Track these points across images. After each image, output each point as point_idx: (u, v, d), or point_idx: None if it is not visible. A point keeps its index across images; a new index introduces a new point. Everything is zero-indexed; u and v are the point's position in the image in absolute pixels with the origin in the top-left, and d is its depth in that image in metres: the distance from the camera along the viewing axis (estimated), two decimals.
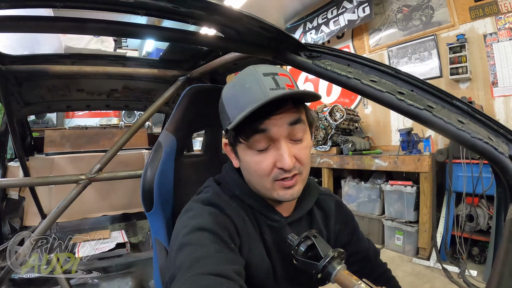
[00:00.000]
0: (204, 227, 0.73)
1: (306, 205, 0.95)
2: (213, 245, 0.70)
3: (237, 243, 0.78)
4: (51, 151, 2.97)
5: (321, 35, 5.47)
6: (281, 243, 0.87)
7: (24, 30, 0.81)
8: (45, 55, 1.78)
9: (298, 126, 0.79)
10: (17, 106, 2.16)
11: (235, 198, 0.87)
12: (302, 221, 0.95)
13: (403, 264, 3.36)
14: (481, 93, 3.72)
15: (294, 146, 0.80)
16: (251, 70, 0.82)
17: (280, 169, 0.78)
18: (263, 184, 0.82)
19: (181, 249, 0.70)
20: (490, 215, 3.11)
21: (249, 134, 0.78)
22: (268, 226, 0.88)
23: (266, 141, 0.78)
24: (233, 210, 0.83)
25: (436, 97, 0.91)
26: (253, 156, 0.80)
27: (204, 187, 0.92)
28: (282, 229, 0.88)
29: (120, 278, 2.21)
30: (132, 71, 1.92)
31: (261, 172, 0.80)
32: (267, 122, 0.76)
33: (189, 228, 0.74)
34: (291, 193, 0.81)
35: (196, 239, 0.71)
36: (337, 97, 5.44)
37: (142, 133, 3.44)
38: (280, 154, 0.77)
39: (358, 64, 0.97)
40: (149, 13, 0.82)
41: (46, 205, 2.76)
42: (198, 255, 0.66)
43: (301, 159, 0.80)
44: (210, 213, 0.79)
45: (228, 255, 0.71)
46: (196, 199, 0.86)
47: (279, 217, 0.88)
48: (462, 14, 3.82)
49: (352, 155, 4.15)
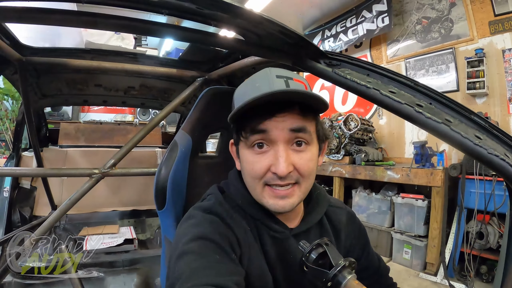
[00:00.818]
0: (205, 236, 0.72)
1: (315, 216, 0.92)
2: (214, 255, 0.69)
3: (238, 254, 0.77)
4: (65, 143, 3.00)
5: (339, 43, 5.47)
6: (284, 255, 0.85)
7: (48, 22, 0.82)
8: (66, 49, 1.80)
9: (302, 134, 0.77)
10: (34, 97, 2.20)
11: (237, 207, 0.85)
12: (310, 233, 0.91)
13: (410, 278, 3.31)
14: (497, 109, 3.66)
15: (295, 154, 0.77)
16: (266, 71, 0.81)
17: (274, 174, 0.76)
18: (254, 187, 0.80)
19: (181, 258, 0.68)
20: (501, 234, 3.05)
21: (248, 132, 0.77)
22: (271, 237, 0.85)
23: (265, 143, 0.77)
24: (235, 220, 0.81)
25: (454, 111, 0.90)
26: (250, 156, 0.79)
27: (207, 194, 0.91)
28: (286, 241, 0.86)
29: (126, 273, 2.23)
30: (151, 70, 1.93)
31: (253, 174, 0.78)
32: (268, 122, 0.75)
33: (190, 237, 0.72)
34: (282, 205, 0.78)
35: (197, 248, 0.70)
36: (352, 106, 5.42)
37: (157, 132, 3.46)
38: (276, 158, 0.75)
39: (378, 74, 0.96)
40: (172, 13, 0.83)
41: (57, 197, 2.80)
42: (198, 265, 0.65)
43: (301, 169, 0.77)
44: (212, 222, 0.78)
45: (228, 265, 0.69)
46: (198, 206, 0.85)
47: (282, 228, 0.86)
48: (481, 28, 3.78)
49: (364, 165, 4.12)
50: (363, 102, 5.12)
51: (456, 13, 3.99)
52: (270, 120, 0.75)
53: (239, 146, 0.83)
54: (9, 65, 1.70)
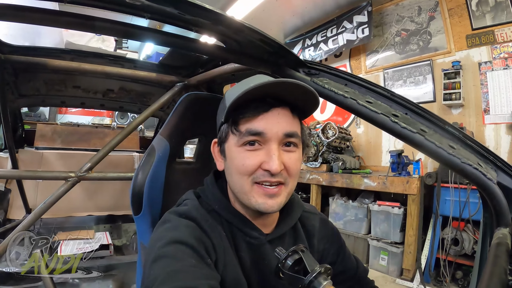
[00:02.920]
0: (181, 240, 0.71)
1: (289, 222, 0.92)
2: (189, 259, 0.68)
3: (213, 259, 0.76)
4: (41, 145, 2.92)
5: (319, 52, 5.54)
6: (259, 260, 0.84)
7: (29, 21, 0.81)
8: (45, 48, 1.76)
9: (293, 139, 0.79)
10: (11, 97, 2.14)
11: (213, 212, 0.85)
12: (285, 238, 0.91)
13: (387, 284, 3.36)
14: (472, 119, 3.79)
15: (285, 154, 0.79)
16: (258, 75, 0.83)
17: (265, 172, 0.76)
18: (242, 185, 0.79)
19: (156, 262, 0.68)
20: (475, 240, 3.14)
21: (244, 131, 0.77)
22: (246, 243, 0.85)
23: (258, 142, 0.77)
24: (210, 225, 0.80)
25: (429, 122, 0.93)
26: (241, 152, 0.79)
27: (183, 199, 0.90)
28: (261, 247, 0.85)
29: (101, 280, 2.18)
30: (130, 73, 1.91)
31: (243, 170, 0.78)
32: (263, 121, 0.76)
33: (165, 241, 0.72)
34: (271, 204, 0.78)
35: (172, 252, 0.69)
36: (330, 114, 5.50)
37: (134, 136, 3.42)
38: (269, 156, 0.76)
39: (355, 84, 0.99)
40: (154, 17, 0.83)
41: (31, 200, 2.72)
42: (173, 269, 0.65)
43: (290, 169, 0.79)
44: (187, 227, 0.77)
45: (204, 270, 0.69)
46: (173, 211, 0.84)
47: (258, 234, 0.85)
48: (458, 42, 3.91)
49: (341, 173, 4.17)
50: (341, 111, 5.19)
51: (434, 26, 4.12)
52: (265, 118, 0.76)
53: (227, 144, 0.82)
54: None
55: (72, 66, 1.77)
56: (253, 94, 0.75)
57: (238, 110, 0.78)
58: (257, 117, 0.77)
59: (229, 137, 0.82)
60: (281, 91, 0.77)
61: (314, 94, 0.77)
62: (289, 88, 0.76)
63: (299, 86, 0.75)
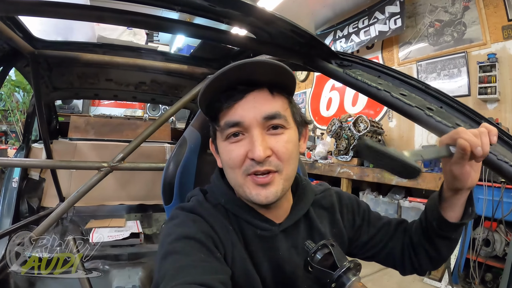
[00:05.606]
0: (190, 236, 0.71)
1: (302, 207, 0.89)
2: (199, 254, 0.68)
3: (222, 252, 0.75)
4: (75, 136, 3.04)
5: (351, 44, 5.43)
6: (272, 252, 0.82)
7: (60, 16, 0.82)
8: (78, 43, 1.81)
9: (277, 121, 0.75)
10: (46, 90, 2.22)
11: (219, 206, 0.83)
12: (299, 226, 0.88)
13: (414, 283, 3.29)
14: (509, 115, 3.61)
15: (272, 138, 0.75)
16: None
17: (252, 161, 0.73)
18: (235, 178, 0.77)
19: (165, 258, 0.68)
20: (507, 242, 3.01)
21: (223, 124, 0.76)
22: (257, 236, 0.82)
23: (240, 132, 0.75)
24: (216, 219, 0.79)
25: (464, 116, 0.89)
26: (226, 146, 0.77)
27: (190, 196, 0.89)
28: (274, 238, 0.82)
29: (131, 267, 2.24)
30: (162, 66, 1.94)
31: (231, 163, 0.76)
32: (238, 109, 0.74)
33: (174, 236, 0.71)
34: (265, 194, 0.74)
35: (181, 248, 0.69)
36: (362, 107, 5.38)
37: (166, 127, 3.48)
38: (252, 143, 0.72)
39: (389, 76, 0.96)
40: (184, 10, 0.83)
41: (65, 188, 2.83)
42: (182, 264, 0.64)
43: (279, 152, 0.74)
44: (195, 221, 0.76)
45: (213, 264, 0.68)
46: (180, 207, 0.83)
47: (269, 225, 0.82)
48: (494, 33, 3.72)
49: (372, 167, 4.09)
50: (373, 104, 5.08)
51: (469, 16, 3.94)
52: (240, 106, 0.74)
53: (217, 140, 0.82)
54: (21, 58, 1.71)
55: (104, 60, 1.81)
56: (221, 86, 0.73)
57: (213, 105, 0.77)
58: (232, 106, 0.74)
59: (216, 134, 0.81)
60: (250, 74, 0.73)
61: (283, 67, 0.73)
62: (257, 68, 0.73)
63: (265, 63, 0.71)
